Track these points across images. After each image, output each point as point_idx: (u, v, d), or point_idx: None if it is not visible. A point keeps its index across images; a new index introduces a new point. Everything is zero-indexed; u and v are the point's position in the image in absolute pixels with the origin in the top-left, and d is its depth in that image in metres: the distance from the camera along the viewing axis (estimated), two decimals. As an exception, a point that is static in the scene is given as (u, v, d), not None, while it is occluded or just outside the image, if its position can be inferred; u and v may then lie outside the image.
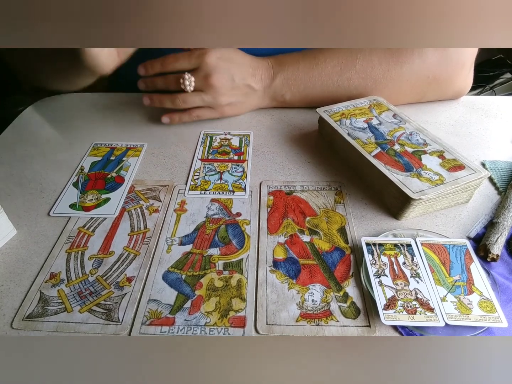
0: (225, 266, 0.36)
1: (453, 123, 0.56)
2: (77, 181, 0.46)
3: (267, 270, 0.36)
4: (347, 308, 0.33)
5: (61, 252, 0.38)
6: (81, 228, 0.40)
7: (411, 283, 0.33)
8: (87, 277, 0.36)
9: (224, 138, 0.53)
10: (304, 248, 0.38)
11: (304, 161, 0.49)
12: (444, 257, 0.36)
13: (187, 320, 0.32)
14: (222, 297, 0.34)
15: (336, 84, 0.54)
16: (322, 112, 0.51)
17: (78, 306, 0.33)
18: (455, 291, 0.33)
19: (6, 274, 0.36)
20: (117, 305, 0.33)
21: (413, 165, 0.41)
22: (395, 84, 0.54)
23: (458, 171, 0.40)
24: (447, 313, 0.31)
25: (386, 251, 0.36)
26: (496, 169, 0.47)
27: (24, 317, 0.32)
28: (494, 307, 0.31)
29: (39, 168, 0.49)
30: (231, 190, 0.45)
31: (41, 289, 0.35)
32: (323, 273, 0.36)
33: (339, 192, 0.44)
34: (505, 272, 0.36)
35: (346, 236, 0.39)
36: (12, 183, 0.47)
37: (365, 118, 0.50)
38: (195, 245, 0.38)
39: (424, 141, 0.45)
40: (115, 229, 0.40)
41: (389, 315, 0.31)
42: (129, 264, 0.37)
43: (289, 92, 0.55)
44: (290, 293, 0.34)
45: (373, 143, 0.45)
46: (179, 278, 0.35)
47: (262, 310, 0.33)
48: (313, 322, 0.32)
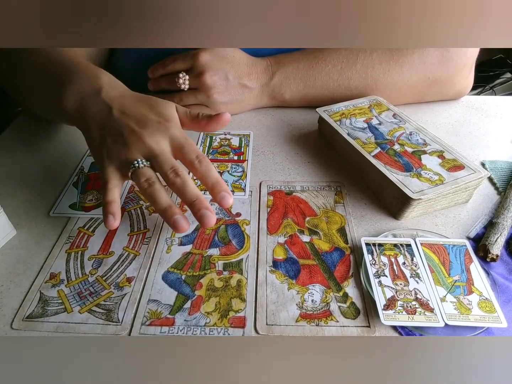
0: (225, 266, 0.36)
1: (453, 123, 0.56)
2: (77, 181, 0.46)
3: (267, 270, 0.36)
4: (347, 308, 0.33)
5: (61, 252, 0.38)
6: (81, 228, 0.40)
7: (410, 283, 0.33)
8: (87, 277, 0.36)
9: (224, 138, 0.53)
10: (304, 248, 0.38)
11: (304, 161, 0.49)
12: (444, 257, 0.36)
13: (187, 320, 0.32)
14: (222, 297, 0.34)
15: (336, 83, 0.54)
16: (322, 112, 0.51)
17: (78, 307, 0.33)
18: (454, 291, 0.33)
19: (6, 274, 0.36)
20: (117, 306, 0.33)
21: (412, 165, 0.41)
22: (395, 84, 0.54)
23: (457, 171, 0.40)
24: (446, 313, 0.31)
25: (386, 251, 0.36)
26: (495, 169, 0.47)
27: (24, 318, 0.32)
28: (493, 307, 0.31)
29: (39, 168, 0.49)
30: (231, 190, 0.45)
31: (41, 290, 0.35)
32: (323, 273, 0.36)
33: (339, 192, 0.44)
34: (505, 272, 0.36)
35: (345, 236, 0.39)
36: (12, 183, 0.47)
37: (365, 118, 0.50)
38: (195, 245, 0.38)
39: (424, 141, 0.45)
40: (115, 229, 0.40)
41: (388, 315, 0.31)
42: (129, 264, 0.37)
43: (289, 91, 0.55)
44: (289, 293, 0.34)
45: (373, 143, 0.45)
46: (179, 278, 0.35)
47: (261, 310, 0.33)
48: (313, 323, 0.32)
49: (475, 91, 1.31)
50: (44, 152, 0.52)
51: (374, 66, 0.53)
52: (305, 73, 0.54)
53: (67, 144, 0.53)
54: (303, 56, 0.54)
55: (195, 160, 0.37)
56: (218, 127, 0.41)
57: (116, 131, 0.38)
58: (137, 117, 0.38)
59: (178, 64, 0.53)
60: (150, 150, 0.37)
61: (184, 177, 0.36)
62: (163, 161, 0.36)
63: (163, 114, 0.39)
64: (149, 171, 0.37)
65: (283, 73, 0.54)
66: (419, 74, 0.54)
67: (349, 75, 0.54)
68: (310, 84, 0.55)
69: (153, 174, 0.37)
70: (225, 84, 0.53)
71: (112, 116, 0.38)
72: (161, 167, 0.36)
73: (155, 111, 0.39)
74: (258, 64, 0.54)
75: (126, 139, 0.37)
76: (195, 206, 0.35)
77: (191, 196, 0.35)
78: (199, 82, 0.52)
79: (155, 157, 0.36)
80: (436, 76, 0.54)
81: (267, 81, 0.55)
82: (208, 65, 0.52)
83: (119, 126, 0.38)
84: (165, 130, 0.38)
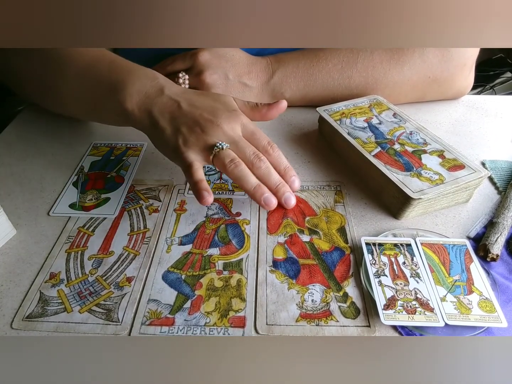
0: (225, 266, 0.36)
1: (453, 122, 0.56)
2: (77, 181, 0.46)
3: (267, 270, 0.36)
4: (347, 308, 0.33)
5: (61, 252, 0.38)
6: (81, 228, 0.40)
7: (410, 283, 0.33)
8: (87, 277, 0.36)
9: (224, 138, 0.53)
10: (303, 248, 0.38)
11: (304, 161, 0.49)
12: (444, 257, 0.36)
13: (187, 320, 0.32)
14: (222, 297, 0.34)
15: (337, 83, 0.54)
16: (322, 111, 0.51)
17: (78, 306, 0.33)
18: (454, 291, 0.33)
19: (6, 274, 0.36)
20: (117, 305, 0.33)
21: (413, 165, 0.41)
22: (395, 83, 0.54)
23: (458, 171, 0.40)
24: (446, 313, 0.31)
25: (386, 251, 0.36)
26: (496, 168, 0.47)
27: (24, 317, 0.32)
28: (493, 307, 0.31)
29: (39, 168, 0.49)
30: (231, 190, 0.45)
31: (41, 289, 0.35)
32: (323, 273, 0.36)
33: (338, 191, 0.44)
34: (505, 272, 0.36)
35: (345, 236, 0.39)
36: (12, 183, 0.47)
37: (365, 117, 0.50)
38: (195, 245, 0.38)
39: (424, 141, 0.45)
40: (115, 229, 0.40)
41: (388, 315, 0.31)
42: (129, 264, 0.37)
43: (289, 90, 0.55)
44: (289, 293, 0.34)
45: (373, 143, 0.45)
46: (179, 278, 0.35)
47: (262, 310, 0.33)
48: (313, 322, 0.32)
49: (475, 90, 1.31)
50: (44, 152, 0.52)
51: (374, 65, 0.53)
52: (306, 72, 0.54)
53: (67, 143, 0.53)
54: (303, 55, 0.54)
55: (268, 146, 0.40)
56: (277, 114, 0.44)
57: (191, 121, 0.39)
58: (207, 108, 0.40)
59: (178, 64, 0.53)
60: (229, 135, 0.39)
61: (266, 162, 0.39)
62: (244, 146, 0.39)
63: (229, 105, 0.41)
64: (232, 152, 0.38)
65: (283, 72, 0.54)
66: (419, 74, 0.54)
67: (349, 74, 0.54)
68: (311, 83, 0.54)
69: (236, 156, 0.38)
70: (225, 83, 0.53)
71: (182, 109, 0.40)
72: (244, 152, 0.39)
73: (220, 102, 0.41)
74: (258, 63, 0.54)
75: (204, 127, 0.38)
76: (280, 190, 0.40)
77: (276, 181, 0.39)
78: (199, 81, 0.52)
79: (236, 143, 0.39)
80: (437, 76, 0.54)
81: (267, 79, 0.55)
82: (208, 64, 0.52)
83: (193, 116, 0.39)
84: (237, 118, 0.40)
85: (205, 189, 0.37)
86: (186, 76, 0.52)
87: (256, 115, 0.43)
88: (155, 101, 0.41)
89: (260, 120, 0.44)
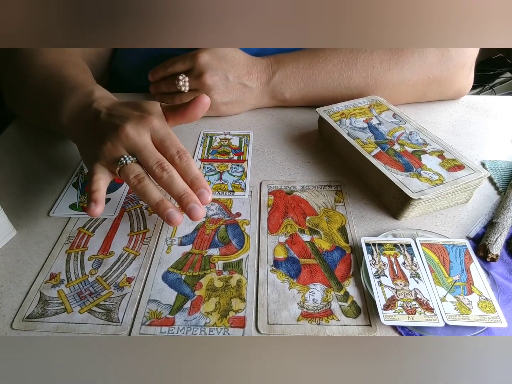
0: (225, 267, 0.36)
1: (453, 122, 0.56)
2: (77, 182, 0.46)
3: (268, 269, 0.36)
4: (348, 307, 0.33)
5: (61, 252, 0.38)
6: (81, 228, 0.40)
7: (410, 283, 0.33)
8: (87, 277, 0.36)
9: (224, 138, 0.53)
10: (304, 248, 0.38)
11: (304, 161, 0.49)
12: (444, 257, 0.36)
13: (187, 320, 0.32)
14: (221, 297, 0.34)
15: (337, 83, 0.54)
16: (322, 112, 0.51)
17: (78, 307, 0.33)
18: (454, 291, 0.33)
19: (6, 275, 0.36)
20: (117, 306, 0.33)
21: (412, 165, 0.41)
22: (395, 83, 0.54)
23: (457, 171, 0.40)
24: (446, 313, 0.31)
25: (386, 251, 0.36)
26: (496, 169, 0.47)
27: (24, 318, 0.32)
28: (493, 307, 0.31)
29: (39, 168, 0.49)
30: (231, 190, 0.45)
31: (41, 290, 0.35)
32: (324, 273, 0.36)
33: (339, 191, 0.44)
34: (505, 272, 0.36)
35: (346, 235, 0.39)
36: (12, 183, 0.47)
37: (365, 117, 0.50)
38: (195, 245, 0.38)
39: (424, 141, 0.45)
40: (115, 230, 0.40)
41: (388, 315, 0.31)
42: (129, 264, 0.37)
43: (289, 90, 0.55)
44: (291, 293, 0.34)
45: (373, 143, 0.45)
46: (179, 278, 0.35)
47: (263, 309, 0.33)
48: (314, 322, 0.32)
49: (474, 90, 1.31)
50: (44, 153, 0.52)
51: (374, 66, 0.53)
52: (305, 72, 0.54)
53: (67, 144, 0.53)
54: (303, 55, 0.54)
55: (176, 155, 0.37)
56: (200, 112, 0.39)
57: (102, 131, 0.38)
58: (122, 115, 0.38)
59: (178, 66, 0.53)
60: (133, 143, 0.36)
61: (170, 171, 0.36)
62: (147, 155, 0.36)
63: (147, 110, 0.39)
64: (137, 167, 0.37)
65: (283, 72, 0.54)
66: (419, 74, 0.54)
67: (349, 74, 0.54)
68: (310, 83, 0.55)
69: (141, 170, 0.37)
70: (225, 84, 0.53)
71: (100, 119, 0.39)
72: (146, 161, 0.36)
73: (140, 109, 0.39)
74: (258, 64, 0.54)
75: (110, 136, 0.37)
76: (183, 200, 0.36)
77: (180, 190, 0.36)
78: (199, 83, 0.52)
79: (139, 151, 0.36)
80: (436, 76, 0.54)
81: (267, 80, 0.55)
82: (208, 65, 0.52)
83: (105, 125, 0.38)
84: (147, 123, 0.37)
85: (93, 200, 0.35)
86: (186, 79, 0.52)
87: (176, 117, 0.40)
88: (81, 115, 0.41)
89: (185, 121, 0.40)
